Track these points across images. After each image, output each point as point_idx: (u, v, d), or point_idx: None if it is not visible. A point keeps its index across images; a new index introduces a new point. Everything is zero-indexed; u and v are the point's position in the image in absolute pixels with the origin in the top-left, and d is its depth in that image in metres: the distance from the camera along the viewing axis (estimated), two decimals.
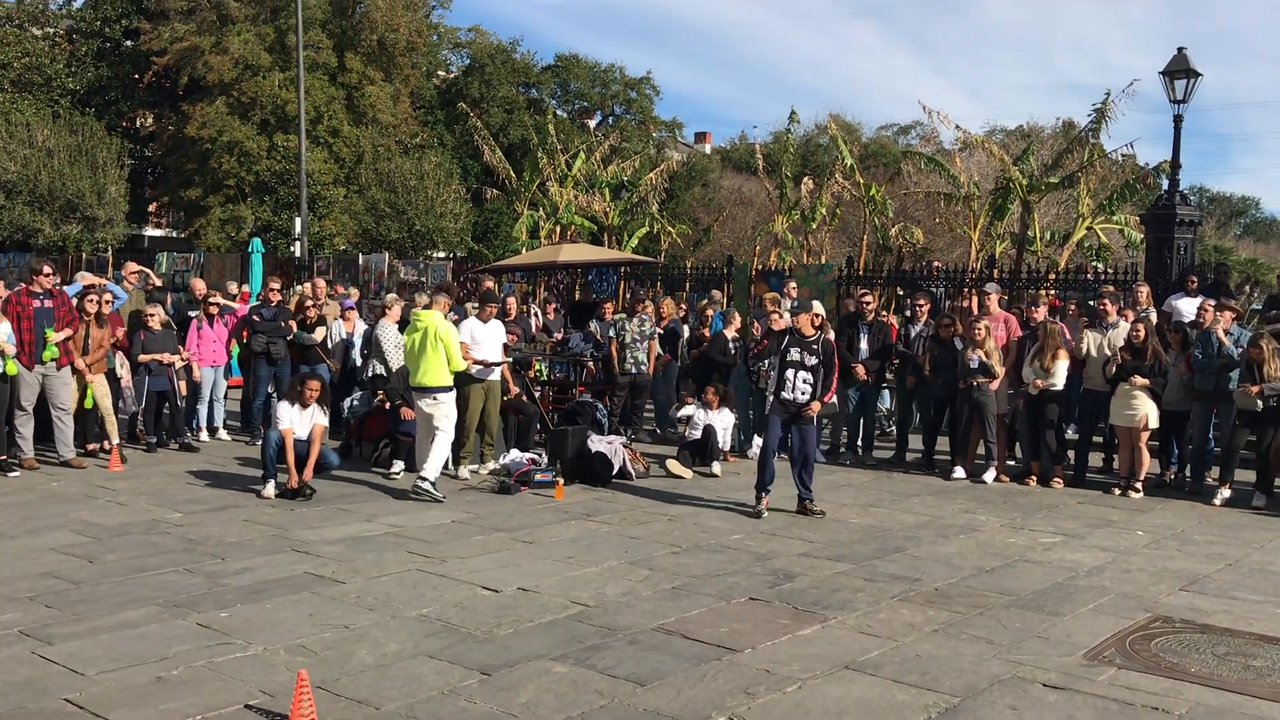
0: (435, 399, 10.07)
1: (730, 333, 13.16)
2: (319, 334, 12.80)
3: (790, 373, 9.27)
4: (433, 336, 10.00)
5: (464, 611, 6.31)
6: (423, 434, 10.16)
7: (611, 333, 13.34)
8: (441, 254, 28.95)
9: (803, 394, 9.30)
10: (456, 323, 10.82)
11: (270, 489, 9.61)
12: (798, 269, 19.60)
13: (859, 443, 12.69)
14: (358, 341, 13.34)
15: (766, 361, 9.82)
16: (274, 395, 12.15)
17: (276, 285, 13.15)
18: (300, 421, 9.82)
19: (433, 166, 30.89)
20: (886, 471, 11.95)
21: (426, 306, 10.53)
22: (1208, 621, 6.53)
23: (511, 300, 13.60)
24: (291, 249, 27.70)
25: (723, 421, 11.80)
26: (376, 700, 4.92)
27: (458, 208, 29.67)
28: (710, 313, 14.62)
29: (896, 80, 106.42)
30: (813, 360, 9.32)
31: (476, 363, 10.65)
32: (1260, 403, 10.15)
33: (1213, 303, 11.09)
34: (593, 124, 47.21)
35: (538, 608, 6.42)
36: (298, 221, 26.22)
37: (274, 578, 6.97)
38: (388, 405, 11.48)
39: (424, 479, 9.78)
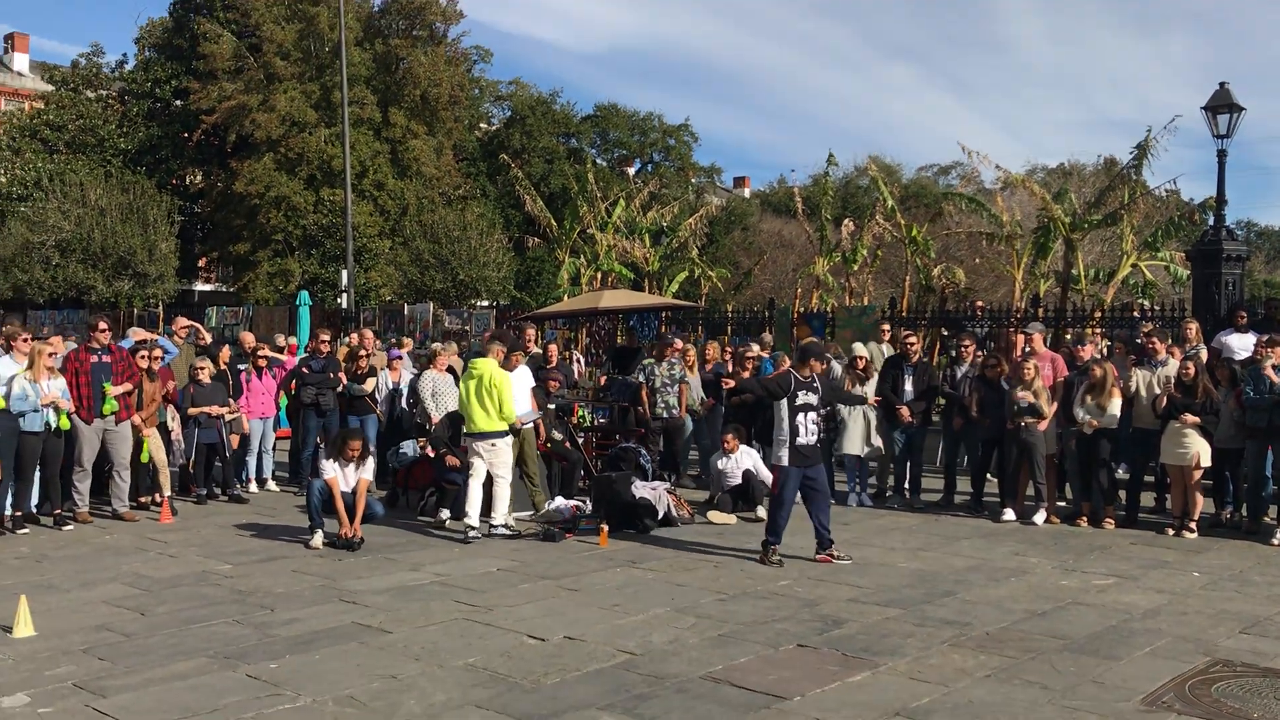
0: (492, 445, 10.20)
1: None
2: (369, 385, 12.94)
3: (802, 417, 9.22)
4: (487, 383, 10.17)
5: (511, 660, 6.31)
6: (473, 480, 10.23)
7: (641, 378, 13.33)
8: (485, 303, 29.22)
9: (813, 436, 9.29)
10: None
11: (318, 539, 9.68)
12: (840, 311, 19.55)
13: (906, 486, 12.58)
14: (404, 390, 13.47)
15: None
16: (322, 446, 12.28)
17: (326, 337, 13.33)
18: (345, 475, 9.90)
19: (475, 217, 31.34)
20: (935, 514, 11.81)
21: (479, 354, 10.69)
22: (1270, 665, 6.37)
23: (553, 347, 13.68)
24: (338, 301, 28.09)
25: (752, 459, 11.74)
26: None
27: (500, 257, 29.99)
28: (757, 354, 14.56)
29: (935, 121, 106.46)
30: (815, 399, 9.34)
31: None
32: None
33: (1265, 339, 10.92)
34: (632, 171, 47.65)
35: (584, 656, 6.40)
36: (344, 274, 26.61)
37: (322, 628, 7.00)
38: (433, 454, 11.56)
39: (495, 525, 10.23)
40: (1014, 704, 5.62)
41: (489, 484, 10.30)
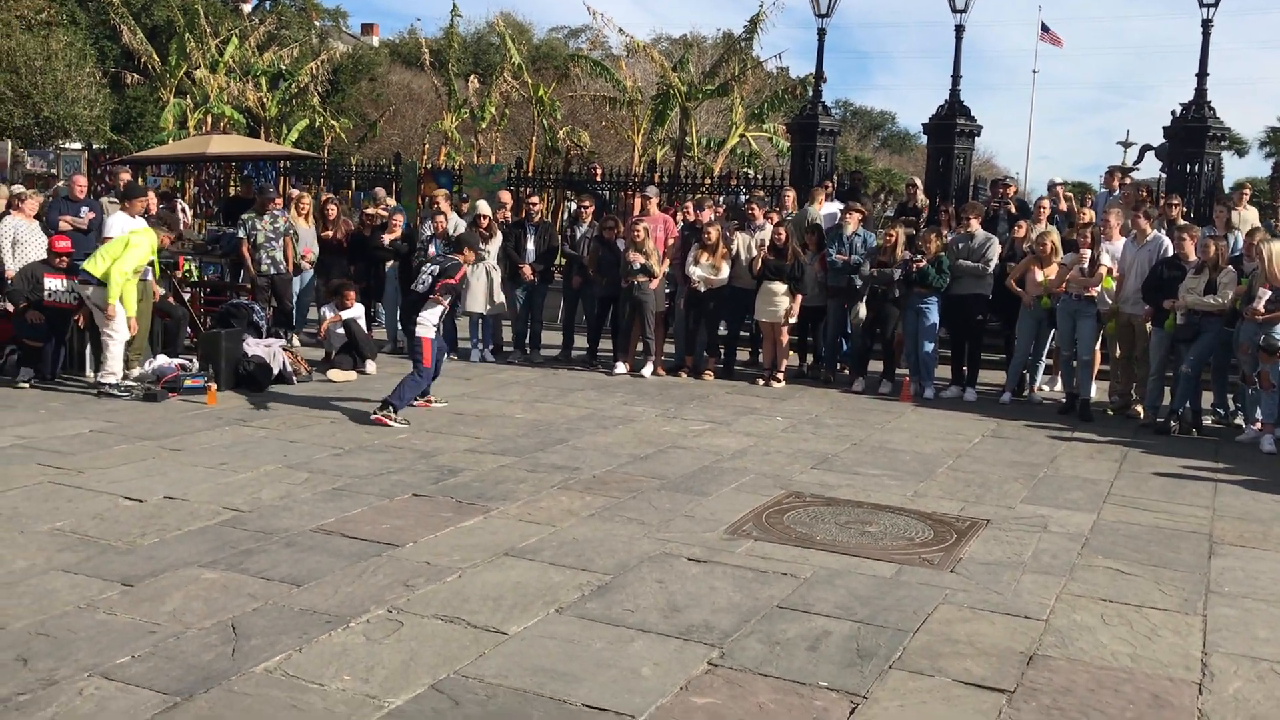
0: (87, 288, 9.64)
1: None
2: None
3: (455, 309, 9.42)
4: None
5: (104, 523, 5.93)
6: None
7: (241, 233, 12.66)
8: (76, 144, 26.34)
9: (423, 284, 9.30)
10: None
11: None
12: (467, 169, 19.41)
13: (527, 342, 12.90)
14: None
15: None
16: None
17: None
18: None
19: (62, 46, 27.85)
20: (553, 369, 12.23)
21: None
22: (833, 495, 7.21)
23: (151, 195, 12.59)
24: None
25: (355, 313, 11.65)
26: (1, 620, 4.56)
27: (93, 93, 26.99)
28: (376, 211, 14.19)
29: None
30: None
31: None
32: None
33: (846, 207, 12.04)
34: (248, 8, 44.04)
35: (186, 515, 6.14)
36: None
37: None
38: (12, 309, 10.42)
39: (102, 383, 9.59)
40: (614, 539, 6.02)
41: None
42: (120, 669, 4.13)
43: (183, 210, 14.86)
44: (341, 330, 11.39)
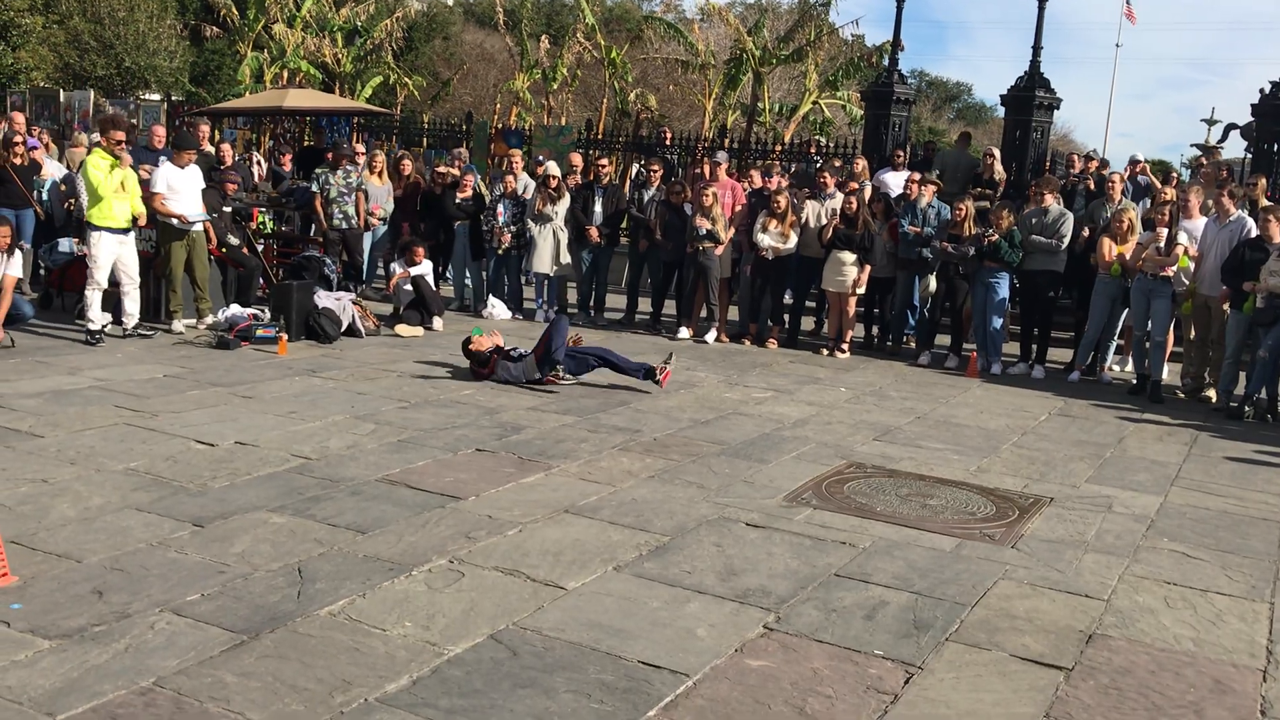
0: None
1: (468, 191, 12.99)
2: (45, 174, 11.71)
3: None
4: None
5: (176, 465, 6.09)
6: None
7: (315, 187, 12.80)
8: (155, 95, 26.81)
9: None
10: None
11: None
12: (537, 130, 19.43)
13: (591, 304, 12.93)
14: (55, 184, 12.25)
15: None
16: None
17: None
18: None
19: None
20: (616, 331, 12.26)
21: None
22: (895, 467, 7.17)
23: (226, 147, 12.79)
24: None
25: (423, 270, 11.75)
26: (78, 553, 4.71)
27: (173, 45, 27.44)
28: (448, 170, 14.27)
29: None
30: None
31: (171, 215, 10.03)
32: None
33: (919, 176, 11.87)
34: None
35: (256, 461, 6.28)
36: None
37: None
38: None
39: (90, 331, 9.57)
40: (673, 501, 6.04)
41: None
42: (190, 606, 4.25)
43: (258, 163, 15.08)
44: (410, 286, 11.51)
